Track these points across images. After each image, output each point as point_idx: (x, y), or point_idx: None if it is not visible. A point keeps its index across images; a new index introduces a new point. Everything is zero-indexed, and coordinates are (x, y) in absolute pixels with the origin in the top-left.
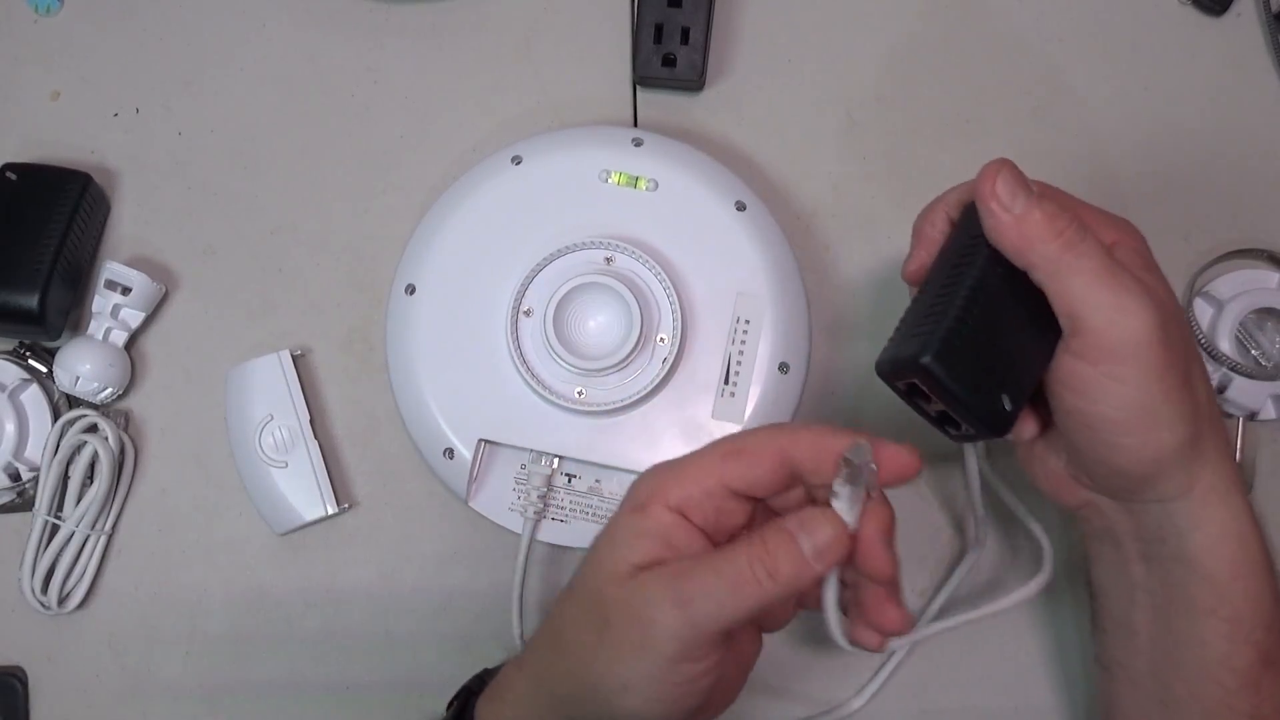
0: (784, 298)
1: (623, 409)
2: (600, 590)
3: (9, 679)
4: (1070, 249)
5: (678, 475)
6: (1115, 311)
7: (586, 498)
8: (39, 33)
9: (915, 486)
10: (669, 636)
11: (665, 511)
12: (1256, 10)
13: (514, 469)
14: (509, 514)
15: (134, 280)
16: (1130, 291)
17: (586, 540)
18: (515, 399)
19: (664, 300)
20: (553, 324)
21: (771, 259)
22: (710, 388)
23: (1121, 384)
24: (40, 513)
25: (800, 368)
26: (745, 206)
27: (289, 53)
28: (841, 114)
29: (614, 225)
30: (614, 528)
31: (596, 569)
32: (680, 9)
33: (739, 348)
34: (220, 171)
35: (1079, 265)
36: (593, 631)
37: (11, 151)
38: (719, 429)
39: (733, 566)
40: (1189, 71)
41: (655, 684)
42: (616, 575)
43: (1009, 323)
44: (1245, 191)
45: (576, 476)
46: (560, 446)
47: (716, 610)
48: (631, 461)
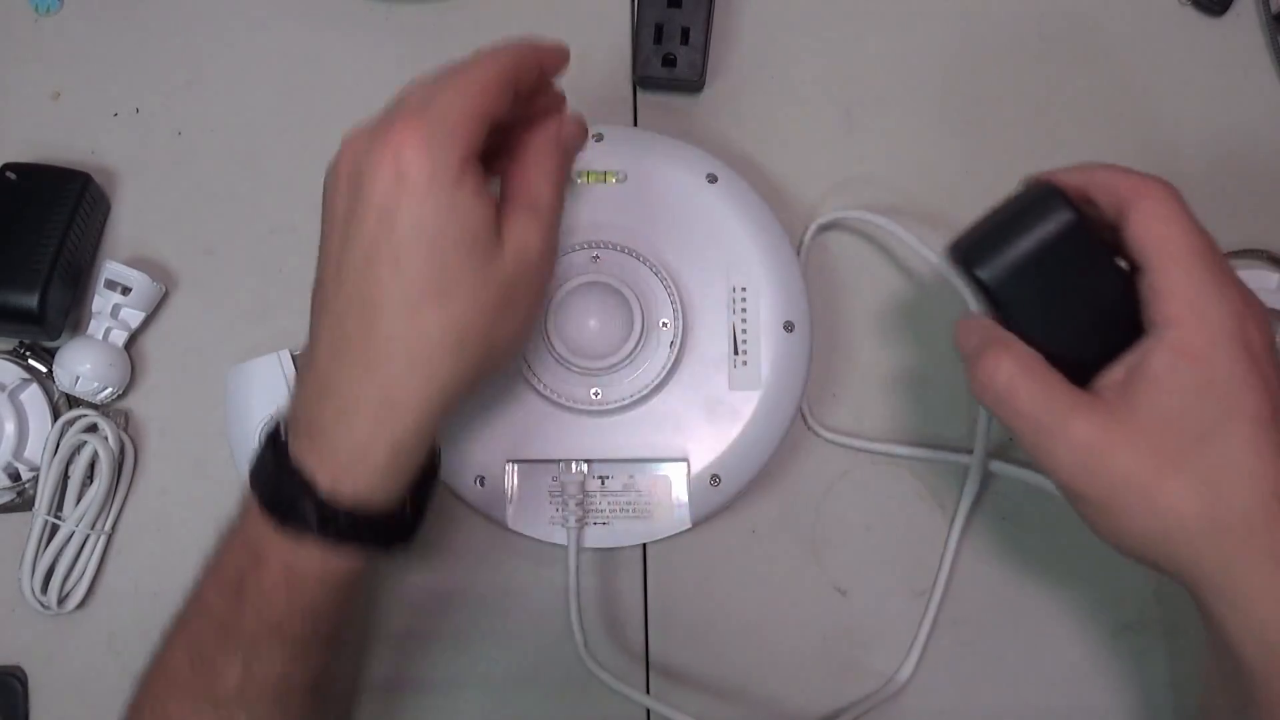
0: (773, 257)
1: (641, 400)
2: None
3: (9, 679)
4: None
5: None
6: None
7: (623, 495)
8: (39, 33)
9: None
10: (419, 173)
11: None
12: (1256, 10)
13: (546, 483)
14: (550, 528)
15: (134, 280)
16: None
17: (631, 540)
18: (534, 413)
19: (658, 286)
20: (555, 332)
21: (753, 222)
22: (722, 361)
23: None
24: (40, 512)
25: (804, 324)
26: (716, 178)
27: (289, 53)
28: (841, 113)
29: (594, 223)
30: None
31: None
32: (680, 9)
33: (741, 315)
34: (220, 171)
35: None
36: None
37: (11, 151)
38: (738, 400)
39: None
40: (1189, 71)
41: (424, 241)
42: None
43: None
44: (1245, 191)
45: (609, 477)
46: (588, 450)
47: (449, 112)
48: (661, 451)
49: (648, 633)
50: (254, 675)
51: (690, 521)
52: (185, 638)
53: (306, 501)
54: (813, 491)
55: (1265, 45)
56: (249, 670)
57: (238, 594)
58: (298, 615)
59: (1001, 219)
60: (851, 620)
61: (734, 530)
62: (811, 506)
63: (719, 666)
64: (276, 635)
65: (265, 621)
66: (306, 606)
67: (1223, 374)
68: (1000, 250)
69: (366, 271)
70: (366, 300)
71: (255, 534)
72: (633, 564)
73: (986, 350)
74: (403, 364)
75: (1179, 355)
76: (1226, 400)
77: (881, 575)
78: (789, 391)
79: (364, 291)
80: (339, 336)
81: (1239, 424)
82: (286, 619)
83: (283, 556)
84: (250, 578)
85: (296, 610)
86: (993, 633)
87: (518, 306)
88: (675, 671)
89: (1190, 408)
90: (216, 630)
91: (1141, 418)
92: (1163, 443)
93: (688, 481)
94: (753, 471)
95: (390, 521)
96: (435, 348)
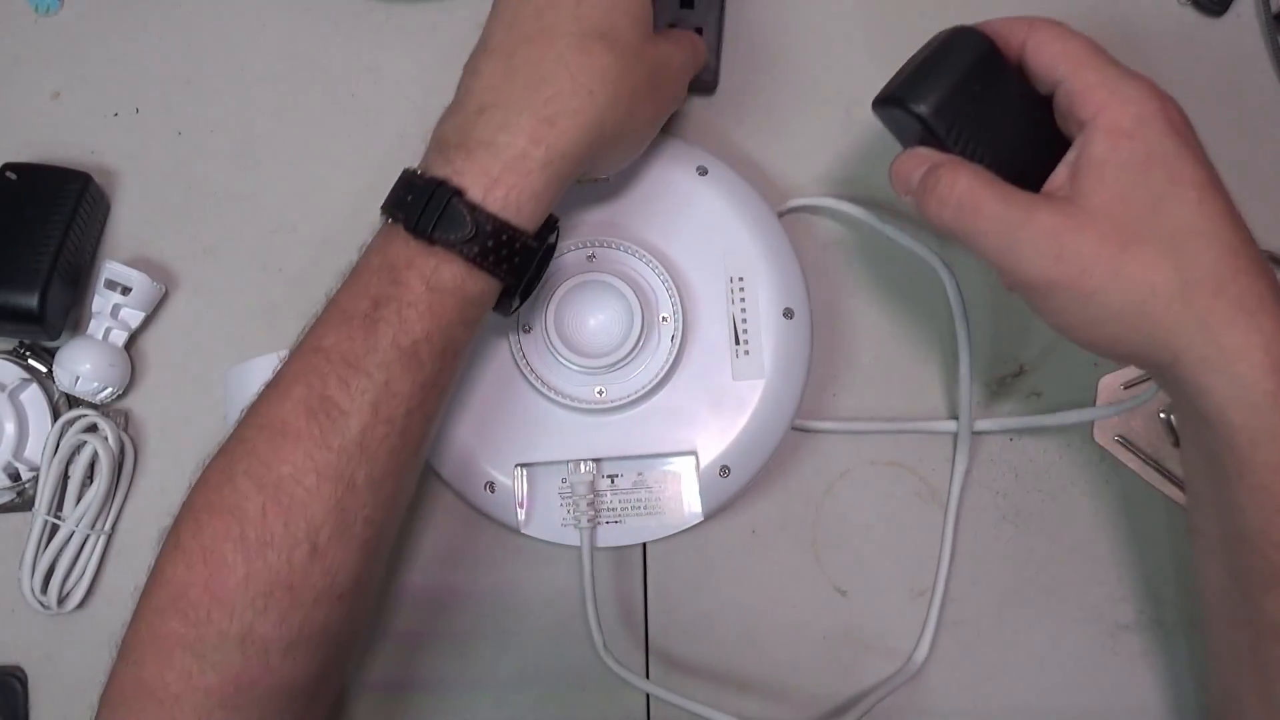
0: (768, 245)
1: (645, 396)
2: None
3: (9, 679)
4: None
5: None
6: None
7: (634, 493)
8: (39, 33)
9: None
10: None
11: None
12: (1256, 10)
13: (556, 485)
14: (563, 530)
15: (134, 280)
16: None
17: (644, 536)
18: (540, 415)
19: (655, 281)
20: (555, 333)
21: (745, 211)
22: (724, 352)
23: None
24: (40, 512)
25: (804, 311)
26: (706, 170)
27: (289, 53)
28: (841, 112)
29: (587, 222)
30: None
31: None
32: (693, 9)
33: (740, 305)
34: (220, 171)
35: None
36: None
37: (11, 151)
38: (743, 389)
39: None
40: (1189, 71)
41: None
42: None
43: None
44: (1245, 191)
45: (619, 475)
46: (595, 450)
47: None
48: (668, 446)
49: (648, 632)
50: (381, 415)
51: (703, 514)
52: (297, 390)
53: (458, 206)
54: (813, 491)
55: (1265, 45)
56: (376, 410)
57: (370, 323)
58: (433, 339)
59: (921, 60)
60: (851, 620)
61: (734, 530)
62: (811, 506)
63: (720, 667)
64: (411, 362)
65: (402, 347)
66: (442, 329)
67: (1158, 147)
68: (929, 84)
69: (548, 8)
70: (544, 30)
71: (394, 256)
72: (633, 564)
73: (938, 170)
74: (567, 85)
75: (1114, 136)
76: (1167, 169)
77: (881, 575)
78: (793, 378)
79: (542, 23)
80: (507, 68)
81: (1185, 189)
82: (423, 341)
83: (425, 272)
84: (389, 301)
85: (434, 332)
86: (997, 625)
87: (655, 98)
88: (675, 671)
89: (1137, 181)
90: (341, 370)
91: (1096, 200)
92: (1121, 217)
93: (697, 474)
94: (762, 460)
95: (524, 250)
96: (598, 78)
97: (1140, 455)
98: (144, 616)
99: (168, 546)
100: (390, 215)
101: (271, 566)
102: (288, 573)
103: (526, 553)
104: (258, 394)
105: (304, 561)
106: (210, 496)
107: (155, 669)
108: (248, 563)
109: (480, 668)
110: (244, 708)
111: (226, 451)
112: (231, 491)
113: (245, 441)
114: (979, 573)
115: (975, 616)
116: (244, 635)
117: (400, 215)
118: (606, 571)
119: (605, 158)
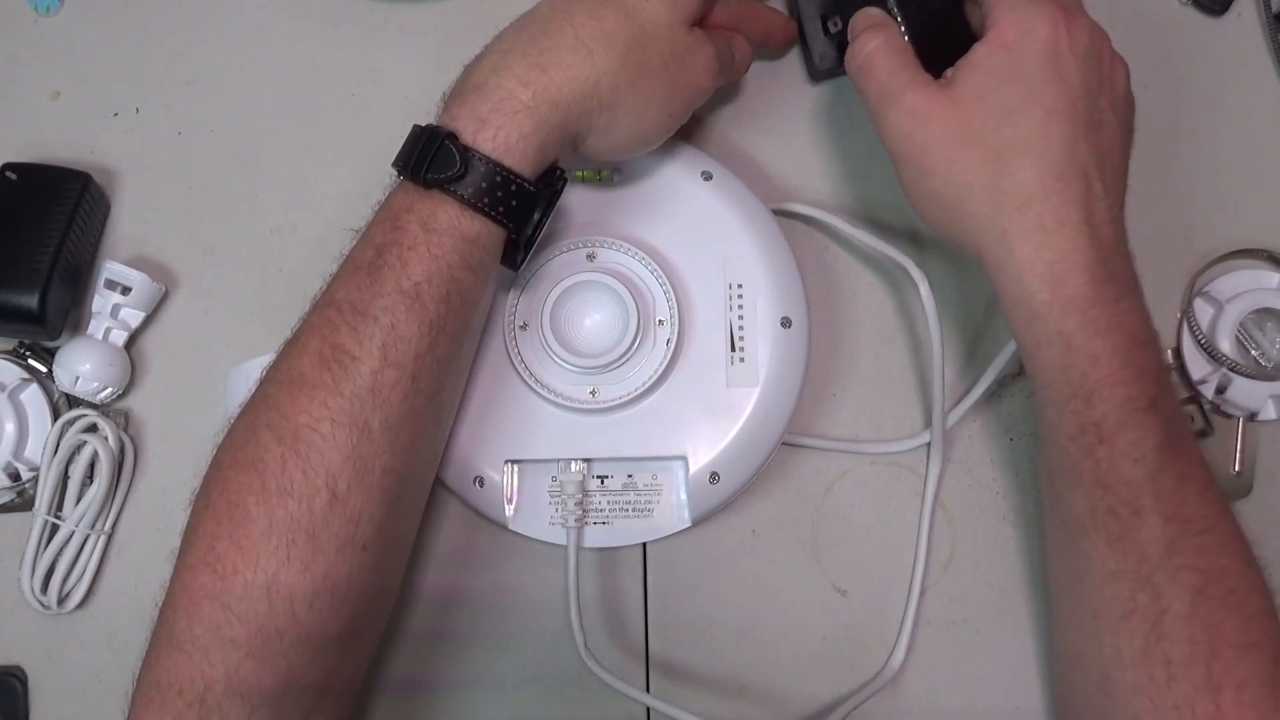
0: (770, 253)
1: (638, 398)
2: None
3: (9, 679)
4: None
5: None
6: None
7: (623, 495)
8: (39, 33)
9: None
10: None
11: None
12: (1256, 10)
13: (546, 482)
14: (550, 528)
15: (134, 280)
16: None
17: (631, 539)
18: (532, 413)
19: (654, 283)
20: (551, 331)
21: (748, 219)
22: (719, 358)
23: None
24: (40, 512)
25: (802, 320)
26: (711, 175)
27: (289, 53)
28: (844, 114)
29: (589, 222)
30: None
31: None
32: None
33: (738, 312)
34: (220, 171)
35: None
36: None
37: (11, 151)
38: (736, 396)
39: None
40: (1189, 71)
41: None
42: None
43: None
44: (1245, 191)
45: (609, 477)
46: (586, 450)
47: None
48: (658, 449)
49: (648, 632)
50: (390, 359)
51: (690, 520)
52: (312, 342)
53: (448, 148)
54: (813, 491)
55: (1265, 45)
56: (385, 353)
57: (374, 269)
58: (435, 280)
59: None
60: (851, 620)
61: (734, 530)
62: (811, 506)
63: (719, 666)
64: (415, 304)
65: (404, 289)
66: (442, 271)
67: (1029, 64)
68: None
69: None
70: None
71: (396, 205)
72: (633, 564)
73: (866, 30)
74: (568, 39)
75: (995, 46)
76: (1028, 86)
77: (881, 575)
78: (788, 388)
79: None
80: (524, 20)
81: (1034, 107)
82: (425, 283)
83: (422, 215)
84: (390, 246)
85: (435, 274)
86: (995, 624)
87: (668, 81)
88: (675, 671)
89: (996, 89)
90: (350, 317)
91: (958, 95)
92: (970, 118)
93: (687, 479)
94: (752, 469)
95: (520, 194)
96: (601, 40)
97: None
98: (178, 574)
99: (198, 505)
100: (396, 169)
101: (292, 515)
102: (309, 520)
103: (514, 549)
104: (279, 352)
105: (324, 509)
106: (235, 453)
107: (185, 623)
108: (269, 513)
109: (465, 664)
110: (271, 659)
111: (250, 407)
112: (254, 445)
113: (267, 397)
114: (978, 573)
115: (973, 616)
116: (269, 585)
117: (401, 164)
118: (606, 570)
119: (606, 129)
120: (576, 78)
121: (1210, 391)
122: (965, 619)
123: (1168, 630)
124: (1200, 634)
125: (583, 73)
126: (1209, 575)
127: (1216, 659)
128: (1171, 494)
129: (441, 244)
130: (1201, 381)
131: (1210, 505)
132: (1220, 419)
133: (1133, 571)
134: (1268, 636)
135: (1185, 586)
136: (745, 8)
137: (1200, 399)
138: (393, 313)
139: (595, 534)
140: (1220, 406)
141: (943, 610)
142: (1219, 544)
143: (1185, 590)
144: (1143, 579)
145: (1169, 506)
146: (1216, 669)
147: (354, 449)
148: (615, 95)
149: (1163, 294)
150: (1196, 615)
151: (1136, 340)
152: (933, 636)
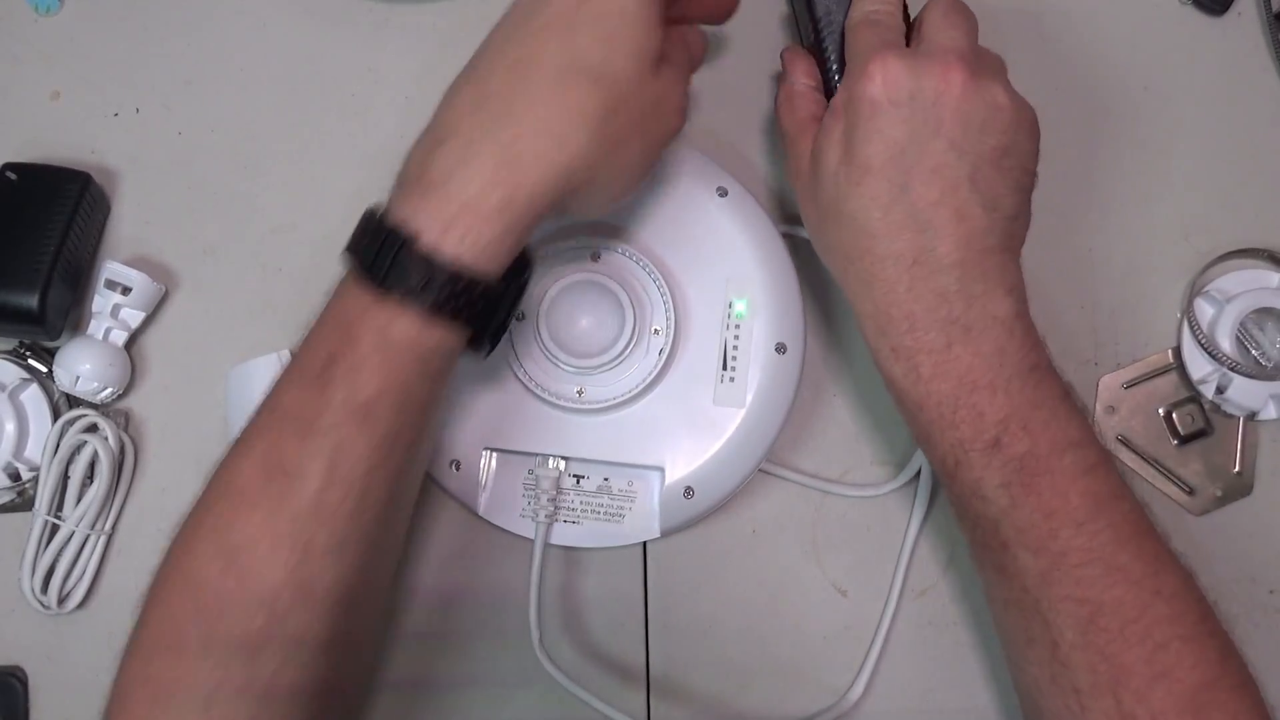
0: (774, 278)
1: (624, 404)
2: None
3: (9, 679)
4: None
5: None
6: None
7: (596, 497)
8: (39, 33)
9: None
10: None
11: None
12: (1256, 10)
13: (522, 475)
14: (521, 521)
15: (134, 280)
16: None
17: (600, 540)
18: (516, 404)
19: (655, 292)
20: (546, 326)
21: (757, 240)
22: (709, 375)
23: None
24: (40, 512)
25: (798, 348)
26: (726, 192)
27: (289, 53)
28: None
29: (598, 223)
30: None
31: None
32: None
33: (734, 332)
34: (220, 171)
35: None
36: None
37: (11, 151)
38: (721, 415)
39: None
40: (1189, 71)
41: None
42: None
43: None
44: (1245, 191)
45: (585, 477)
46: (565, 448)
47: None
48: (637, 456)
49: (648, 632)
50: (337, 476)
51: (659, 531)
52: (257, 449)
53: (409, 254)
54: (813, 491)
55: (1265, 45)
56: (332, 471)
57: (323, 382)
58: (389, 396)
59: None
60: (851, 620)
61: (734, 530)
62: (812, 506)
63: (719, 666)
64: (366, 422)
65: (353, 406)
66: (398, 385)
67: (850, 127)
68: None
69: (540, 34)
70: (526, 59)
71: (348, 308)
72: (633, 563)
73: (791, 90)
74: (539, 124)
75: (835, 106)
76: (844, 148)
77: (882, 575)
78: (773, 413)
79: (528, 51)
80: (481, 94)
81: (852, 170)
82: (377, 400)
83: (377, 326)
84: (341, 358)
85: (388, 389)
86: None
87: (645, 139)
88: (674, 671)
89: (824, 154)
90: (296, 430)
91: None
92: (819, 190)
93: (660, 490)
94: (728, 489)
95: (486, 296)
96: (573, 120)
97: (1141, 455)
98: (127, 664)
99: (141, 617)
100: (347, 253)
101: (232, 632)
102: (245, 638)
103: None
104: (227, 449)
105: (262, 629)
106: (168, 571)
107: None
108: (207, 633)
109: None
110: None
111: (195, 511)
112: (189, 559)
113: (209, 505)
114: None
115: (970, 616)
116: (209, 697)
117: (355, 261)
118: (605, 569)
119: (581, 203)
120: (549, 170)
121: (1210, 391)
122: (966, 617)
123: (1066, 659)
124: (1099, 664)
125: (556, 164)
126: (1099, 606)
127: (1123, 688)
128: (1035, 529)
129: (399, 358)
130: (1202, 381)
131: (1095, 538)
132: (1220, 419)
133: (1017, 601)
134: (1184, 665)
135: (1071, 617)
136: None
137: (1200, 399)
138: (341, 429)
139: (564, 532)
140: (1220, 406)
141: (943, 611)
142: (1106, 575)
143: (1073, 620)
144: (1028, 609)
145: (1033, 541)
146: (1126, 699)
147: (294, 569)
148: (590, 174)
149: (1163, 294)
150: (1092, 645)
151: (968, 384)
152: (923, 640)
